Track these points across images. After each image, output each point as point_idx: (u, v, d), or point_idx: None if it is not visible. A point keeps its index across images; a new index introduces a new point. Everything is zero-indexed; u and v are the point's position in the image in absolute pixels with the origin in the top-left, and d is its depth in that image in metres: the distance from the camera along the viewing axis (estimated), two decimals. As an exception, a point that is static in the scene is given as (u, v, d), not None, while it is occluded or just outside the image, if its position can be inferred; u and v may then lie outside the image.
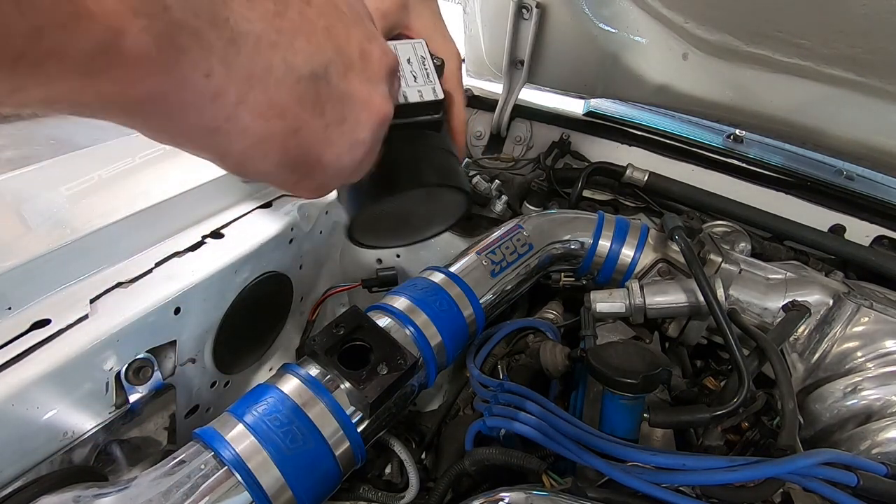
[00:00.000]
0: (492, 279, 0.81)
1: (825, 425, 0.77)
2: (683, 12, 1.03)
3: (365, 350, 0.61)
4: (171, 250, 0.74)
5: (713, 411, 0.64)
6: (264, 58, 0.27)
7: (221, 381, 0.86)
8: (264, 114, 0.28)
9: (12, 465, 0.55)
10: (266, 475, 0.51)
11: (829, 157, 1.20)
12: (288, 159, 0.31)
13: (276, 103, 0.28)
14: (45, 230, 0.63)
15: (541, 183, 1.23)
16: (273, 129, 0.29)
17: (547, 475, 0.63)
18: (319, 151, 0.32)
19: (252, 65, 0.26)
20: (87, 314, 0.62)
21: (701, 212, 1.14)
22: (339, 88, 0.31)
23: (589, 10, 1.13)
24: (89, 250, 0.66)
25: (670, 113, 1.31)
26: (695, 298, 0.81)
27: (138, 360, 0.66)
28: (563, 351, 0.79)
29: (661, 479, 0.56)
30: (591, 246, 0.91)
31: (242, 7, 0.25)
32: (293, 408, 0.55)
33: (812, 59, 0.95)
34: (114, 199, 0.71)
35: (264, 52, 0.27)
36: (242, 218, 0.86)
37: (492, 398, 0.73)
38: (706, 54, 1.09)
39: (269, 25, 0.27)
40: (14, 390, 0.54)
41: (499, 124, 1.34)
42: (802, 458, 0.55)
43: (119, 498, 0.49)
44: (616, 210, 1.23)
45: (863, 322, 0.79)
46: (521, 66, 1.25)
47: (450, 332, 0.72)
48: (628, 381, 0.63)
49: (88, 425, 0.62)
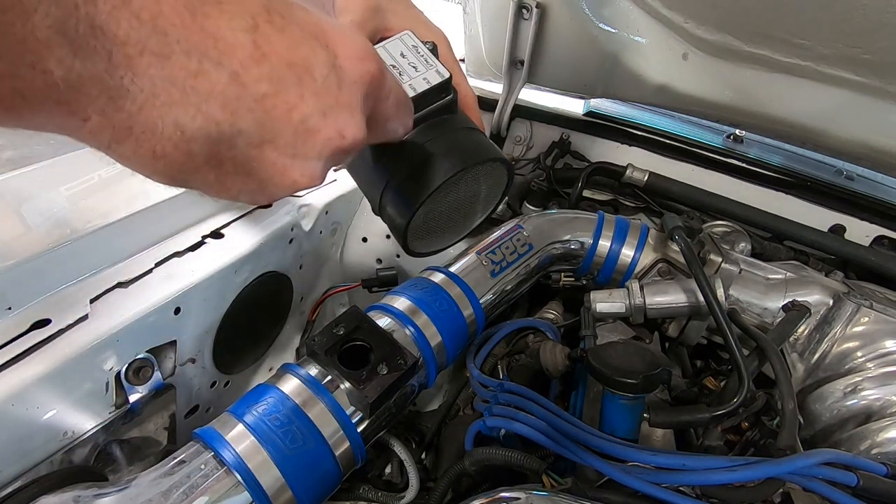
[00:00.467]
0: (492, 279, 0.81)
1: (825, 425, 0.77)
2: (683, 12, 1.03)
3: (365, 350, 0.61)
4: (171, 250, 0.74)
5: (713, 411, 0.64)
6: (149, 115, 0.25)
7: (221, 381, 0.86)
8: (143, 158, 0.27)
9: (12, 465, 0.55)
10: (266, 475, 0.51)
11: (829, 157, 1.20)
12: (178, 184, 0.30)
13: (159, 154, 0.27)
14: (45, 230, 0.63)
15: (541, 183, 1.23)
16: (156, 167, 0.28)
17: (547, 475, 0.63)
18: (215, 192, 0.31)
19: (132, 121, 0.25)
20: (87, 314, 0.62)
21: (701, 212, 1.14)
22: (244, 155, 0.29)
23: (589, 10, 1.13)
24: (89, 250, 0.66)
25: (670, 113, 1.31)
26: (695, 298, 0.81)
27: (138, 360, 0.66)
28: (563, 351, 0.79)
29: (661, 479, 0.56)
30: (591, 246, 0.91)
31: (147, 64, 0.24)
32: (293, 408, 0.55)
33: (812, 59, 0.95)
34: (114, 199, 0.71)
35: (154, 110, 0.25)
36: (242, 218, 0.86)
37: (492, 398, 0.73)
38: (706, 54, 1.08)
39: (174, 84, 0.25)
40: (14, 390, 0.54)
41: (499, 124, 1.34)
42: (802, 458, 0.55)
43: (119, 498, 0.49)
44: (616, 210, 1.22)
45: (863, 322, 0.79)
46: (521, 66, 1.25)
47: (450, 332, 0.72)
48: (628, 381, 0.63)
49: (88, 425, 0.62)
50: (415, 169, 0.41)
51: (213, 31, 0.25)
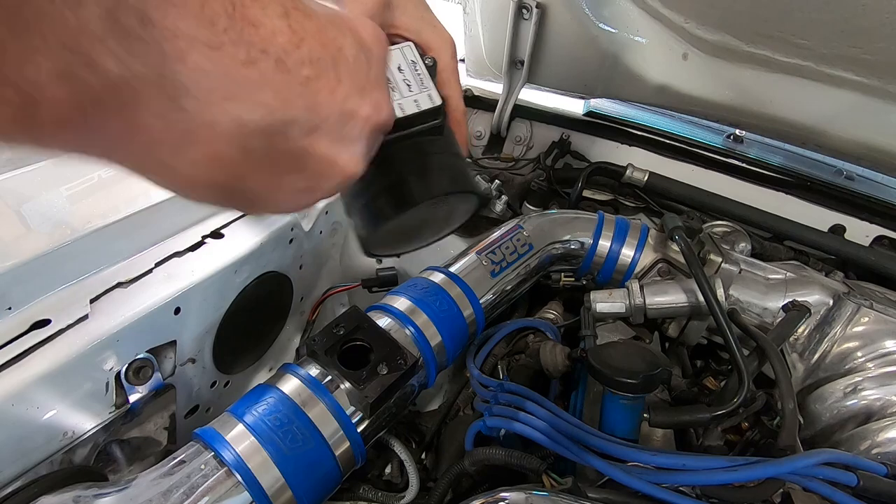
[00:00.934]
0: (492, 279, 0.81)
1: (825, 425, 0.77)
2: (683, 12, 1.03)
3: (365, 350, 0.61)
4: (171, 250, 0.74)
5: (713, 411, 0.64)
6: (210, 113, 0.24)
7: (221, 381, 0.86)
8: (201, 164, 0.26)
9: (12, 465, 0.55)
10: (266, 475, 0.51)
11: (829, 157, 1.20)
12: (227, 196, 0.29)
13: (218, 156, 0.26)
14: (45, 230, 0.63)
15: (541, 183, 1.23)
16: (212, 176, 0.27)
17: (547, 475, 0.63)
18: (265, 194, 0.30)
19: (192, 120, 0.24)
20: (87, 314, 0.62)
21: (701, 212, 1.14)
22: (298, 146, 0.28)
23: (589, 10, 1.13)
24: (89, 250, 0.66)
25: (670, 113, 1.31)
26: (695, 298, 0.81)
27: (138, 360, 0.66)
28: (563, 351, 0.79)
29: (661, 479, 0.56)
30: (591, 246, 0.91)
31: (201, 57, 0.23)
32: (293, 408, 0.55)
33: (812, 59, 0.95)
34: (114, 199, 0.71)
35: (213, 107, 0.24)
36: (242, 218, 0.86)
37: (492, 398, 0.73)
38: (706, 54, 1.09)
39: (228, 77, 0.24)
40: (14, 390, 0.54)
41: (499, 124, 1.34)
42: (802, 458, 0.55)
43: (119, 498, 0.49)
44: (616, 210, 1.23)
45: (863, 322, 0.78)
46: (521, 66, 1.25)
47: (450, 333, 0.72)
48: (628, 381, 0.63)
49: (88, 425, 0.62)
50: (389, 187, 0.41)
51: (253, 19, 0.25)
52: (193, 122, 0.24)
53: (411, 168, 0.43)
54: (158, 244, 0.74)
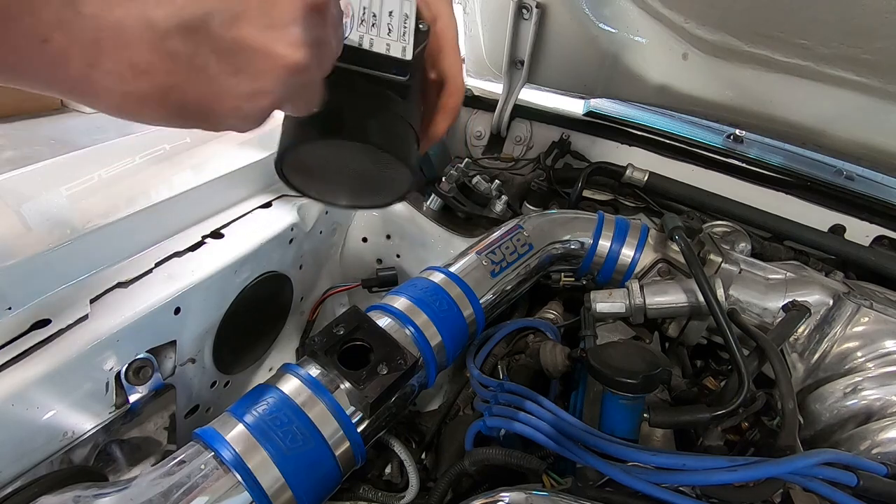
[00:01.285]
0: (492, 279, 0.81)
1: (825, 425, 0.77)
2: (683, 12, 1.03)
3: (365, 350, 0.61)
4: (171, 250, 0.74)
5: (713, 411, 0.64)
6: (112, 14, 0.23)
7: (221, 381, 0.86)
8: (124, 75, 0.25)
9: (12, 465, 0.55)
10: (266, 475, 0.51)
11: (829, 157, 1.20)
12: (171, 112, 0.28)
13: (137, 64, 0.24)
14: (45, 230, 0.63)
15: (541, 183, 1.23)
16: (141, 88, 0.25)
17: (547, 475, 0.63)
18: (209, 104, 0.28)
19: (97, 26, 0.23)
20: (87, 314, 0.62)
21: (701, 212, 1.14)
22: (225, 39, 0.27)
23: (589, 10, 1.13)
24: (89, 250, 0.66)
25: (670, 113, 1.31)
26: (695, 298, 0.81)
27: (138, 360, 0.66)
28: (563, 351, 0.79)
29: (661, 479, 0.56)
30: (591, 246, 0.91)
31: None
32: (293, 408, 0.55)
33: (812, 59, 0.95)
34: (114, 199, 0.71)
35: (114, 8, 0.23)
36: (242, 218, 0.86)
37: (492, 398, 0.73)
38: (706, 54, 1.09)
39: None
40: (14, 390, 0.54)
41: (499, 124, 1.34)
42: (802, 458, 0.55)
43: (119, 498, 0.49)
44: (616, 210, 1.23)
45: (863, 322, 0.79)
46: (521, 66, 1.25)
47: (450, 332, 0.72)
48: (628, 381, 0.63)
49: (88, 425, 0.62)
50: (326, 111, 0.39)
51: None
52: (97, 27, 0.23)
53: (356, 105, 0.41)
54: (158, 244, 0.74)
